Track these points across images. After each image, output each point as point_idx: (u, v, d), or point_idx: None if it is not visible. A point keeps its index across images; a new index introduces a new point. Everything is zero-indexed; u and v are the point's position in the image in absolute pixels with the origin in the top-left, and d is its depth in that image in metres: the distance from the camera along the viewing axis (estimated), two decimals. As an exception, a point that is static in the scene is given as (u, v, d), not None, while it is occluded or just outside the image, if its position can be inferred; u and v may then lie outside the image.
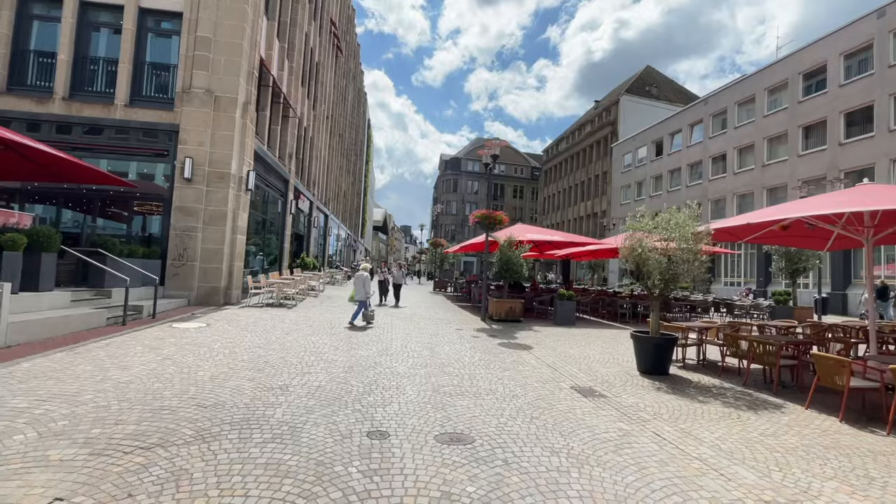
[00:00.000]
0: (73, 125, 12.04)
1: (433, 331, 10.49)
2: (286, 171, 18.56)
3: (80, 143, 12.01)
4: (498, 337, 10.16)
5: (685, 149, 32.49)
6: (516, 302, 12.95)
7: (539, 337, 10.48)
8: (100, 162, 12.01)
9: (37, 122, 11.88)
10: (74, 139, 12.01)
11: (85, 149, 12.00)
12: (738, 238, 9.77)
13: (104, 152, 12.21)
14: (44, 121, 11.91)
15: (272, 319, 10.59)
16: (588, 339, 10.61)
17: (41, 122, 11.90)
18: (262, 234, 16.77)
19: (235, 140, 12.66)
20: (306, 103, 22.22)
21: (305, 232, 24.46)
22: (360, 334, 9.44)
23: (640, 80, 46.84)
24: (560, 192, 54.16)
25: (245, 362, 6.43)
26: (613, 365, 7.76)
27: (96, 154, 12.11)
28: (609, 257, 21.01)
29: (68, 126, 12.04)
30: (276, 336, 8.58)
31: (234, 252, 12.86)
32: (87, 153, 11.92)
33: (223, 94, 12.54)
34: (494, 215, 12.73)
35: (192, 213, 12.14)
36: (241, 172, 13.05)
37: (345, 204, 41.07)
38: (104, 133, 12.17)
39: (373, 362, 6.94)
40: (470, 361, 7.39)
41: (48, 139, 11.44)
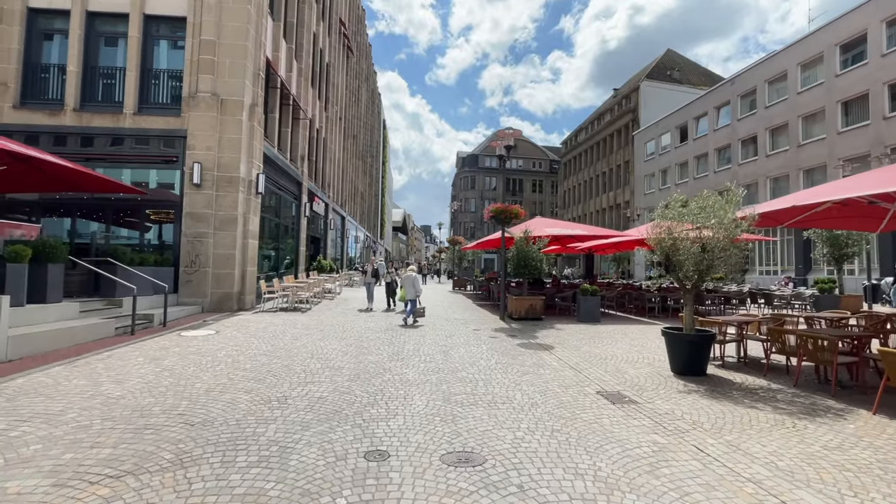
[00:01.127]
0: (84, 136, 12.08)
1: (449, 332, 10.01)
2: (299, 173, 18.41)
3: (91, 153, 12.05)
4: (517, 337, 9.60)
5: (712, 133, 30.99)
6: (536, 299, 12.34)
7: (561, 336, 9.86)
8: (111, 171, 12.00)
9: (50, 135, 11.97)
10: (86, 150, 12.05)
11: (96, 159, 12.02)
12: (779, 222, 8.94)
13: (115, 161, 12.22)
14: (56, 133, 11.99)
15: (283, 324, 10.32)
16: (614, 336, 9.93)
17: (54, 134, 11.99)
18: (276, 237, 16.64)
19: (243, 143, 12.47)
20: (317, 105, 22.06)
21: (322, 234, 24.37)
22: (372, 338, 9.04)
23: (661, 64, 45.13)
24: (580, 184, 52.84)
25: (246, 372, 6.10)
26: (643, 365, 7.10)
27: (107, 163, 12.13)
28: (633, 249, 20.07)
29: (79, 137, 12.09)
30: (285, 342, 8.26)
31: (247, 257, 12.69)
32: (99, 163, 11.93)
33: (229, 96, 12.36)
34: (510, 209, 12.15)
35: (203, 219, 12.02)
36: (251, 176, 12.87)
37: (362, 205, 41.03)
38: (114, 142, 12.18)
39: (381, 368, 6.51)
40: (486, 365, 6.88)
41: (61, 151, 11.48)
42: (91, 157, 12.00)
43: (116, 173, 12.10)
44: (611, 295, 14.48)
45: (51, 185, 9.57)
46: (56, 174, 8.91)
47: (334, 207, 26.72)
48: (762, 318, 7.99)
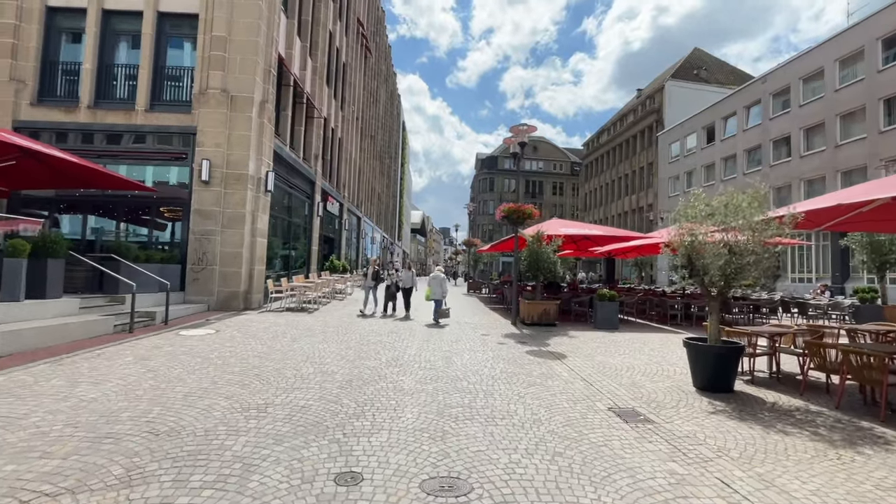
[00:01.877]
0: (98, 132, 12.15)
1: (455, 336, 9.55)
2: (312, 172, 18.27)
3: (103, 150, 12.10)
4: (527, 344, 9.07)
5: (741, 133, 29.65)
6: (550, 304, 11.76)
7: (575, 343, 9.28)
8: (122, 167, 12.04)
9: (64, 132, 12.07)
10: (98, 146, 12.12)
11: (108, 155, 12.07)
12: (817, 224, 8.18)
13: (126, 158, 12.24)
14: (71, 130, 12.08)
15: (286, 325, 10.05)
16: (632, 345, 9.28)
17: (68, 131, 12.09)
18: (287, 236, 16.51)
19: (252, 140, 12.32)
20: (333, 104, 21.96)
21: (336, 234, 24.25)
22: (374, 341, 8.66)
23: (688, 63, 43.68)
24: (602, 186, 51.61)
25: (234, 375, 5.78)
26: (662, 378, 6.50)
27: (119, 160, 12.17)
28: (656, 253, 19.21)
29: (93, 134, 12.16)
30: (282, 344, 7.95)
31: (254, 255, 12.53)
32: (110, 159, 11.98)
33: (239, 93, 12.24)
34: (522, 209, 11.62)
35: (211, 217, 11.90)
36: (260, 173, 12.71)
37: (379, 206, 40.97)
38: (126, 139, 12.21)
39: (377, 375, 6.11)
40: (489, 374, 6.40)
41: (74, 148, 11.57)
42: (103, 153, 12.05)
43: (128, 170, 12.11)
44: (630, 301, 13.76)
45: (60, 181, 9.58)
46: (65, 170, 8.88)
47: (349, 207, 26.61)
48: (797, 330, 7.26)
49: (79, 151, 11.10)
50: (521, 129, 11.57)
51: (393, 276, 13.65)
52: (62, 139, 11.97)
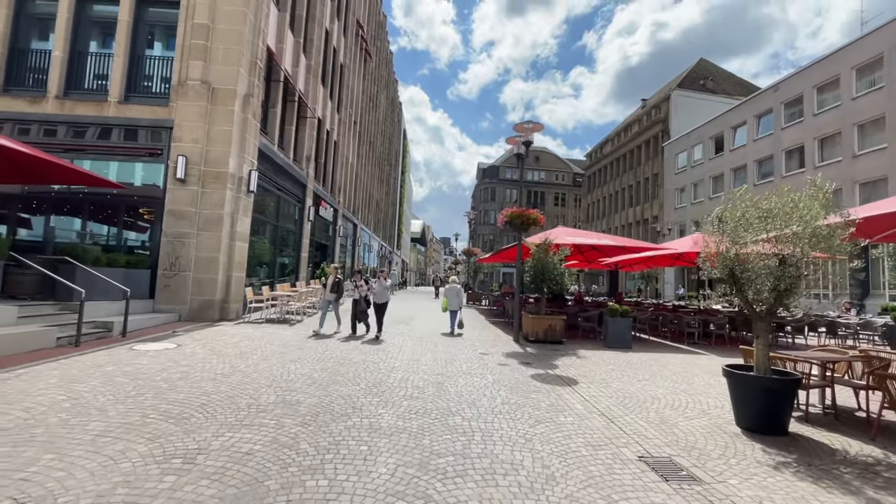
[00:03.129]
0: (65, 125, 11.19)
1: (450, 355, 8.44)
2: (303, 174, 17.31)
3: (71, 143, 11.13)
4: (533, 365, 7.95)
5: (751, 143, 28.76)
6: (557, 319, 10.66)
7: (586, 365, 8.17)
8: (90, 163, 11.05)
9: (28, 123, 11.12)
10: (65, 140, 11.14)
11: (76, 150, 11.10)
12: (867, 235, 7.15)
13: (95, 153, 11.26)
14: (36, 121, 11.13)
15: (261, 339, 8.95)
16: (651, 368, 8.17)
17: (33, 122, 11.13)
18: (274, 242, 15.46)
19: (234, 136, 11.36)
20: (329, 106, 21.11)
21: (330, 241, 23.23)
22: (356, 360, 7.56)
23: (694, 73, 43.05)
24: (606, 197, 50.69)
25: (174, 405, 4.69)
26: (697, 413, 5.39)
27: (87, 155, 11.19)
28: (666, 265, 18.16)
29: (60, 126, 11.20)
30: (249, 363, 6.86)
31: (233, 261, 11.48)
32: (77, 154, 11.01)
33: (221, 85, 11.32)
34: (527, 214, 10.60)
35: (186, 217, 10.89)
36: (242, 172, 11.72)
37: (377, 213, 40.02)
38: (96, 132, 11.25)
39: (351, 406, 5.01)
40: (489, 406, 5.30)
41: (38, 141, 10.61)
42: (71, 147, 11.08)
43: (97, 166, 11.13)
44: (643, 317, 12.64)
45: (19, 175, 8.62)
46: (24, 164, 7.92)
47: (345, 214, 25.62)
48: (853, 357, 6.15)
49: (43, 145, 10.19)
50: (527, 128, 10.59)
51: (361, 287, 10.45)
52: (25, 132, 11.02)
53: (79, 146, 11.12)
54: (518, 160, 11.45)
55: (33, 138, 10.77)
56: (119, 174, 11.32)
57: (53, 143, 10.86)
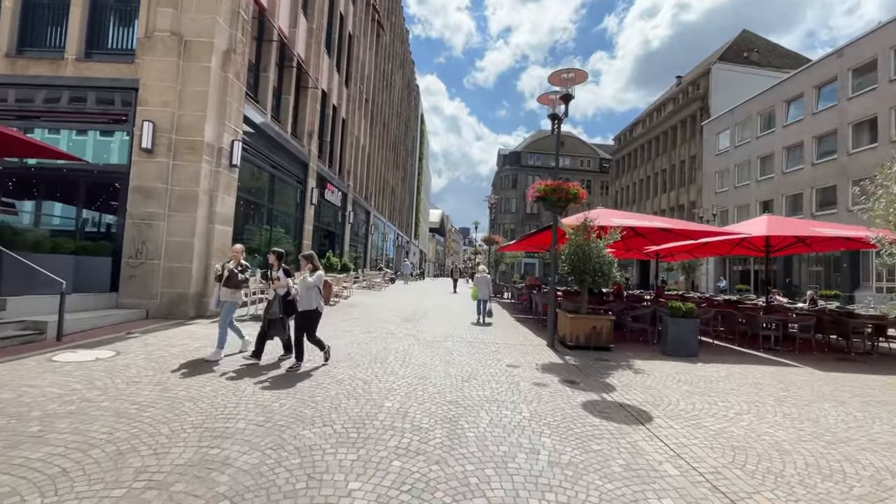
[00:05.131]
0: (15, 87, 9.54)
1: (469, 369, 6.44)
2: (304, 152, 15.46)
3: (21, 109, 9.49)
4: (580, 385, 5.88)
5: (809, 117, 25.51)
6: (603, 320, 8.52)
7: (652, 385, 6.05)
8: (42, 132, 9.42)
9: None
10: (15, 104, 9.51)
11: (29, 116, 9.47)
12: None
13: (49, 120, 9.60)
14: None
15: (230, 346, 7.13)
16: (740, 388, 6.00)
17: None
18: (268, 226, 13.66)
19: (211, 98, 9.53)
20: (336, 78, 19.16)
21: (339, 228, 21.45)
22: (340, 378, 5.63)
23: (736, 45, 39.35)
24: (636, 183, 47.51)
25: (14, 470, 2.83)
26: (868, 485, 3.24)
27: (40, 122, 9.54)
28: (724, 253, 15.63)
29: (11, 89, 9.55)
30: (191, 384, 5.00)
31: (212, 247, 9.72)
32: (31, 122, 9.37)
33: (195, 37, 9.48)
34: (565, 188, 8.45)
35: (154, 196, 9.15)
36: (222, 142, 9.90)
37: (392, 201, 38.15)
38: (50, 95, 9.58)
39: (306, 473, 3.08)
40: (530, 471, 3.29)
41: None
42: (23, 114, 9.45)
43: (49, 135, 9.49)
44: (705, 316, 10.32)
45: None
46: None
47: (356, 199, 23.80)
48: None
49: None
50: (566, 77, 8.35)
51: (278, 282, 6.22)
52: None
53: (29, 112, 9.47)
54: (553, 123, 9.25)
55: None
56: (76, 145, 9.66)
57: (2, 110, 9.26)
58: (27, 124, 9.39)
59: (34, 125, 9.42)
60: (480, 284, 12.03)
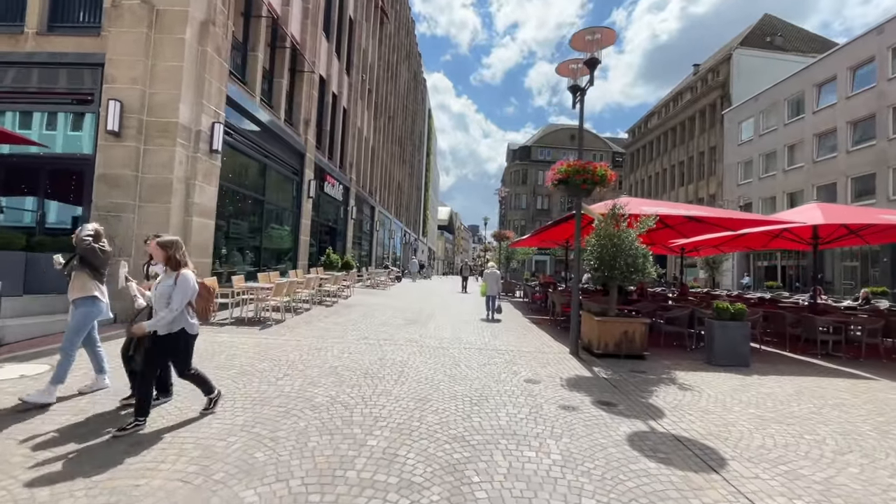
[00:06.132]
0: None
1: (479, 386, 5.25)
2: (300, 141, 14.39)
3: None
4: (618, 408, 4.67)
5: (843, 101, 23.79)
6: (635, 323, 7.28)
7: (708, 406, 4.82)
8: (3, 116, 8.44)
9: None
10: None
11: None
12: None
13: (9, 101, 8.61)
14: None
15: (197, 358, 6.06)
16: (819, 410, 4.75)
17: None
18: (260, 221, 12.58)
19: (187, 74, 8.47)
20: (335, 65, 18.06)
21: (341, 224, 20.38)
22: (318, 402, 4.50)
23: (758, 30, 37.46)
24: (652, 176, 45.79)
25: None
26: None
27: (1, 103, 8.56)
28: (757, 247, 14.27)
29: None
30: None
31: (189, 242, 8.65)
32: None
33: (167, 6, 8.40)
34: (590, 168, 7.20)
35: (122, 185, 8.11)
36: (200, 125, 8.83)
37: (399, 196, 37.04)
38: (10, 73, 8.58)
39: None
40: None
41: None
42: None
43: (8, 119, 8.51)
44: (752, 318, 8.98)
45: None
46: None
47: (359, 193, 22.71)
48: None
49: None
50: (590, 40, 7.10)
51: (130, 288, 4.36)
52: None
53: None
54: (574, 96, 8.00)
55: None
56: (37, 128, 8.66)
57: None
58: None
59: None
60: (490, 280, 12.12)
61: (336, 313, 10.94)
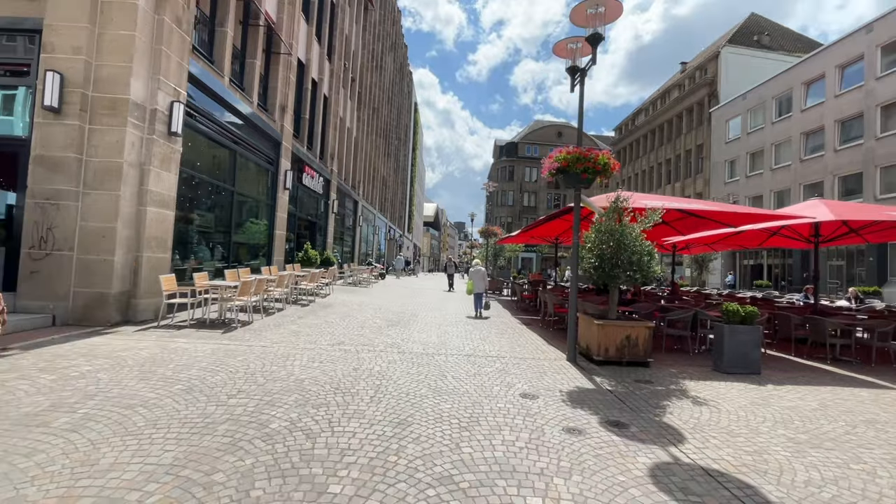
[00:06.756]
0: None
1: (468, 403, 4.53)
2: (275, 128, 13.42)
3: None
4: (631, 429, 4.00)
5: (832, 99, 23.74)
6: (639, 327, 6.64)
7: (733, 426, 4.19)
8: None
9: None
10: None
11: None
12: None
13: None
14: None
15: (133, 373, 5.19)
16: (864, 433, 4.17)
17: None
18: (228, 213, 11.58)
19: (140, 45, 7.51)
20: (315, 49, 17.07)
21: (321, 219, 19.43)
22: (274, 431, 3.71)
23: (745, 28, 37.50)
24: (638, 174, 45.74)
25: None
26: None
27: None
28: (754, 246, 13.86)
29: None
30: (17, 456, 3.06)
31: (144, 235, 7.72)
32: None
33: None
34: (591, 156, 6.52)
35: (63, 169, 7.14)
36: (157, 103, 7.87)
37: (383, 191, 36.07)
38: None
39: None
40: None
41: None
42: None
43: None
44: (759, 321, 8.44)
45: None
46: None
47: (341, 186, 21.75)
48: None
49: None
50: (593, 14, 6.40)
51: None
52: None
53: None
54: (572, 79, 7.30)
55: None
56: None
57: None
58: None
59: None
60: (476, 278, 11.97)
61: (312, 314, 10.09)
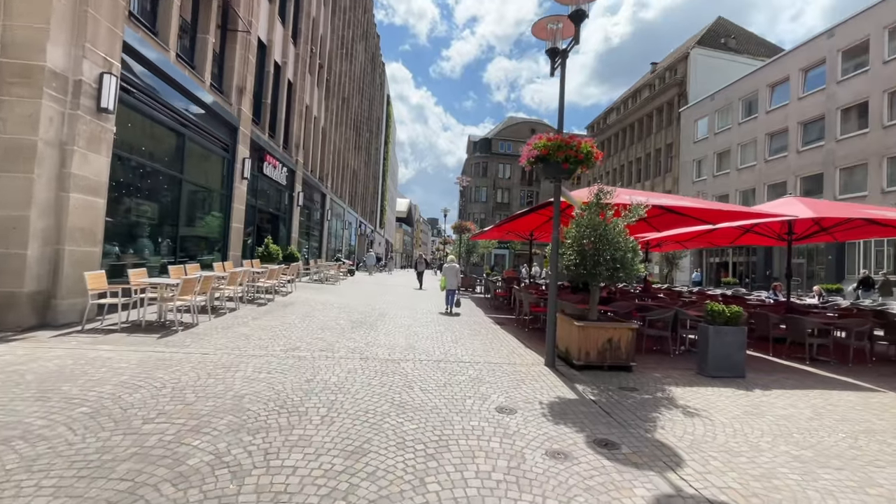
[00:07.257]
0: None
1: (437, 423, 3.90)
2: (231, 112, 12.35)
3: None
4: (621, 450, 3.48)
5: (795, 102, 24.39)
6: (622, 329, 6.20)
7: (731, 443, 3.74)
8: None
9: None
10: None
11: None
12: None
13: None
14: None
15: (38, 385, 4.31)
16: (866, 445, 3.80)
17: None
18: (176, 203, 10.50)
19: (60, 5, 6.48)
20: (279, 30, 15.97)
21: (285, 212, 18.35)
22: (190, 470, 2.97)
23: (713, 31, 38.36)
24: (610, 172, 46.26)
25: None
26: None
27: None
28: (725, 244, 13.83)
29: None
30: None
31: (65, 225, 6.69)
32: None
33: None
34: (573, 144, 6.00)
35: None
36: (82, 74, 6.84)
37: (354, 184, 34.93)
38: None
39: None
40: None
41: None
42: None
43: None
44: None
45: None
46: None
47: (307, 178, 20.67)
48: None
49: None
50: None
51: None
52: None
53: None
54: (552, 61, 6.77)
55: None
56: None
57: None
58: None
59: None
60: (448, 275, 11.96)
61: (269, 314, 9.23)
